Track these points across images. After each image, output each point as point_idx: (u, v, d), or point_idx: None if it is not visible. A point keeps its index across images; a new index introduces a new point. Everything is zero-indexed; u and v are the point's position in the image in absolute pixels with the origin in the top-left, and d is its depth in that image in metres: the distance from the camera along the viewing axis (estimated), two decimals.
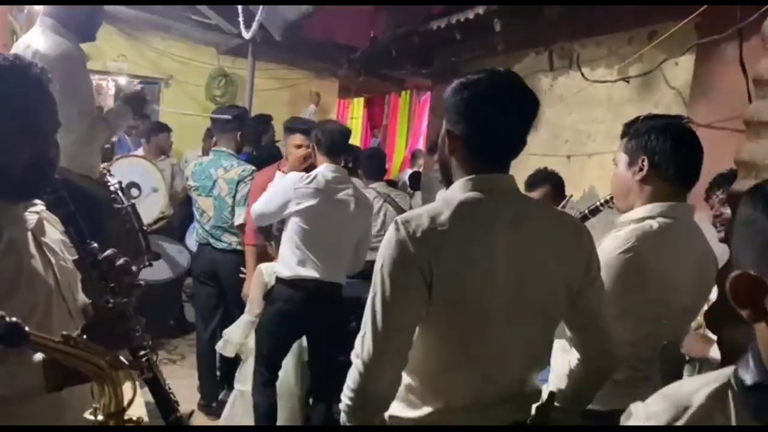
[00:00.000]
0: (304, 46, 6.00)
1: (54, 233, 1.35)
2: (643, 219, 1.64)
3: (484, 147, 1.36)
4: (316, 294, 2.97)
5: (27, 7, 4.51)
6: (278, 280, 3.05)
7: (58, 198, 1.26)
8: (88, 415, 0.77)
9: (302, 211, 2.93)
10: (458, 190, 1.37)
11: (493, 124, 1.34)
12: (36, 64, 1.26)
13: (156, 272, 4.53)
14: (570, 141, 3.87)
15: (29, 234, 1.26)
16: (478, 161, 1.37)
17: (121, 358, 0.97)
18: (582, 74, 3.63)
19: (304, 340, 3.19)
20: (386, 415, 1.43)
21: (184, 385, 3.88)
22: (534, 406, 1.48)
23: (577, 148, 3.77)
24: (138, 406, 2.59)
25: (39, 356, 1.06)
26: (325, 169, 3.00)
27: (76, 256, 1.28)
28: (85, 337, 1.10)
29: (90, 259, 1.22)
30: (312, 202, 2.92)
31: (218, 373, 3.95)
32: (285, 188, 2.99)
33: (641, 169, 1.65)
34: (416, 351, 1.38)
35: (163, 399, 1.22)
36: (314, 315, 2.99)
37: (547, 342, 1.47)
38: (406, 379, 1.41)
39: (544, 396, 1.50)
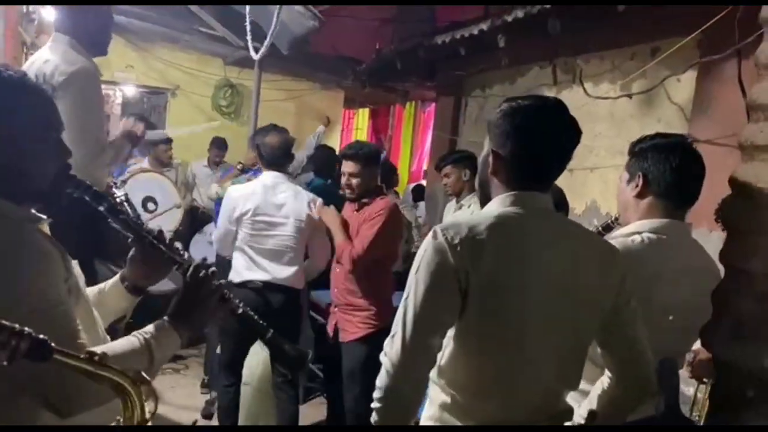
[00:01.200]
0: (311, 58, 6.06)
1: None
2: (631, 234, 1.68)
3: (528, 169, 1.40)
4: (264, 296, 3.05)
5: (37, 18, 4.59)
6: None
7: (95, 194, 1.32)
8: (114, 426, 0.81)
9: (244, 217, 3.04)
10: (497, 205, 1.42)
11: (539, 148, 1.39)
12: (30, 76, 1.29)
13: (162, 283, 4.56)
14: (573, 155, 3.90)
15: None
16: (520, 181, 1.41)
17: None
18: (584, 90, 3.67)
19: None
20: None
21: (188, 394, 3.92)
22: (567, 425, 1.50)
23: (580, 162, 3.82)
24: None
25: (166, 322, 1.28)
26: (264, 176, 3.14)
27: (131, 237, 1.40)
28: (188, 294, 1.32)
29: (150, 235, 1.37)
30: (250, 206, 3.03)
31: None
32: (228, 200, 3.13)
33: (637, 186, 1.70)
34: (450, 367, 1.41)
35: (256, 325, 1.49)
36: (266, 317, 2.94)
37: (579, 361, 1.48)
38: (440, 396, 1.44)
39: (576, 416, 1.52)
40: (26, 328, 0.73)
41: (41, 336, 0.74)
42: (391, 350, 1.38)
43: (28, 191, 1.16)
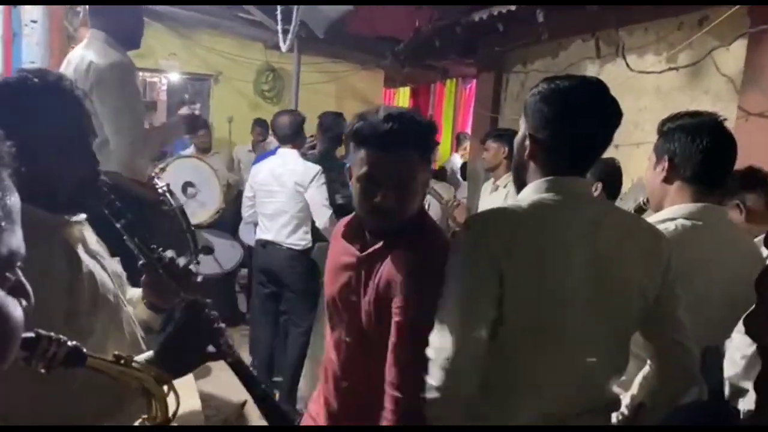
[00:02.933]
0: (349, 39, 6.05)
1: (94, 242, 1.40)
2: (664, 221, 1.62)
3: (567, 153, 1.35)
4: (269, 253, 3.70)
5: (82, 11, 4.69)
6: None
7: (117, 210, 1.33)
8: (139, 425, 0.83)
9: (255, 187, 3.78)
10: (532, 192, 1.37)
11: (579, 130, 1.33)
12: (66, 78, 1.30)
13: (209, 266, 4.69)
14: (617, 130, 3.79)
15: (79, 244, 1.32)
16: (558, 166, 1.36)
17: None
18: (627, 64, 3.55)
19: None
20: None
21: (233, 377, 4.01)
22: (614, 415, 1.47)
23: (625, 137, 3.70)
24: (191, 398, 2.69)
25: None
26: (278, 152, 3.74)
27: (141, 262, 1.36)
28: (177, 336, 1.20)
29: (159, 263, 1.31)
30: (258, 178, 3.75)
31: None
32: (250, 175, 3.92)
33: (664, 169, 1.63)
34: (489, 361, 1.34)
35: (246, 377, 1.32)
36: (272, 272, 3.75)
37: (623, 351, 1.43)
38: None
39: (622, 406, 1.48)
40: (62, 336, 0.75)
41: (74, 343, 0.76)
42: (440, 348, 1.30)
43: (53, 198, 1.18)
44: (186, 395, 0.93)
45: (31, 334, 0.69)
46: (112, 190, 1.37)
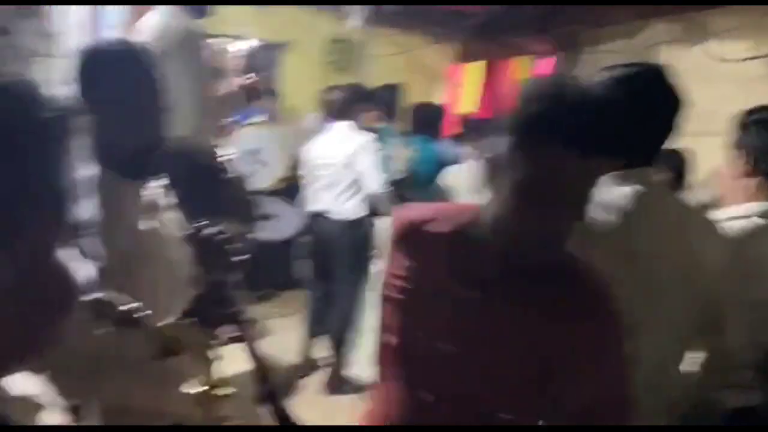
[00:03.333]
0: (421, 12, 5.99)
1: (168, 206, 1.47)
2: (738, 218, 1.56)
3: (633, 142, 1.34)
4: (321, 224, 3.80)
5: None
6: None
7: (173, 177, 1.40)
8: (190, 388, 0.89)
9: (308, 159, 3.89)
10: (608, 184, 1.35)
11: (642, 121, 1.33)
12: (140, 46, 1.36)
13: (270, 232, 4.82)
14: (695, 119, 3.63)
15: (145, 210, 1.39)
16: (626, 157, 1.35)
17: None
18: (708, 50, 3.39)
19: None
20: None
21: (292, 338, 4.14)
22: None
23: (703, 127, 3.55)
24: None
25: None
26: (333, 126, 3.82)
27: (187, 231, 1.42)
28: (193, 309, 1.26)
29: (199, 236, 1.35)
30: (312, 150, 3.86)
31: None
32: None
33: (740, 164, 1.57)
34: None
35: (258, 367, 1.31)
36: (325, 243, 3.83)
37: (685, 348, 1.44)
38: None
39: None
40: (123, 299, 0.81)
41: (131, 306, 0.82)
42: None
43: (116, 160, 1.23)
44: (242, 357, 0.98)
45: (94, 296, 0.75)
46: (176, 157, 1.42)
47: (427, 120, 4.71)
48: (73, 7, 2.72)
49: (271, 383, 1.30)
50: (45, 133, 0.57)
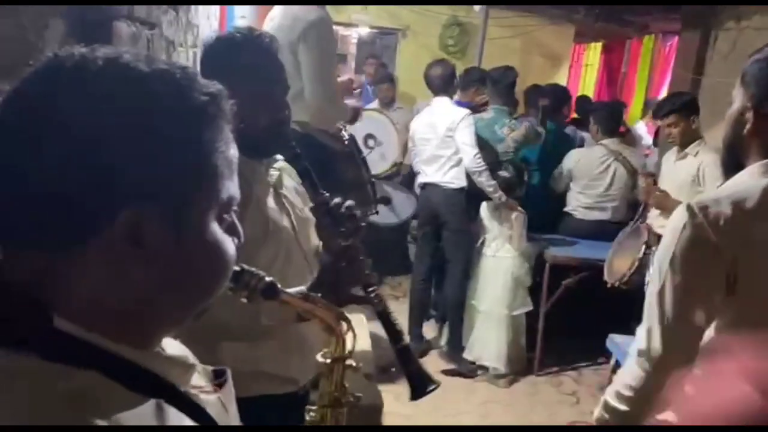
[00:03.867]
0: None
1: (291, 185, 1.55)
2: None
3: None
4: (427, 194, 3.95)
5: None
6: None
7: (295, 155, 1.47)
8: (319, 357, 0.94)
9: (414, 135, 4.02)
10: (758, 174, 1.23)
11: None
12: (266, 34, 1.43)
13: (385, 216, 4.92)
14: None
15: (271, 188, 1.47)
16: None
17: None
18: None
19: None
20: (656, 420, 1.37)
21: (404, 320, 4.21)
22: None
23: None
24: (364, 338, 2.89)
25: None
26: (433, 102, 3.94)
27: (311, 205, 1.49)
28: (323, 277, 1.32)
29: (323, 207, 1.41)
30: (415, 126, 4.04)
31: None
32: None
33: None
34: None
35: (391, 329, 1.36)
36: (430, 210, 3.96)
37: None
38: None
39: None
40: (261, 272, 0.87)
41: (271, 279, 0.88)
42: (648, 347, 1.26)
43: (245, 143, 1.32)
44: (359, 334, 1.03)
45: (237, 268, 0.81)
46: (301, 138, 1.50)
47: (550, 103, 4.63)
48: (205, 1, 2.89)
49: (405, 342, 1.36)
50: (202, 115, 0.63)
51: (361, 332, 2.63)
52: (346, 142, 2.71)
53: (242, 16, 3.70)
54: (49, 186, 0.57)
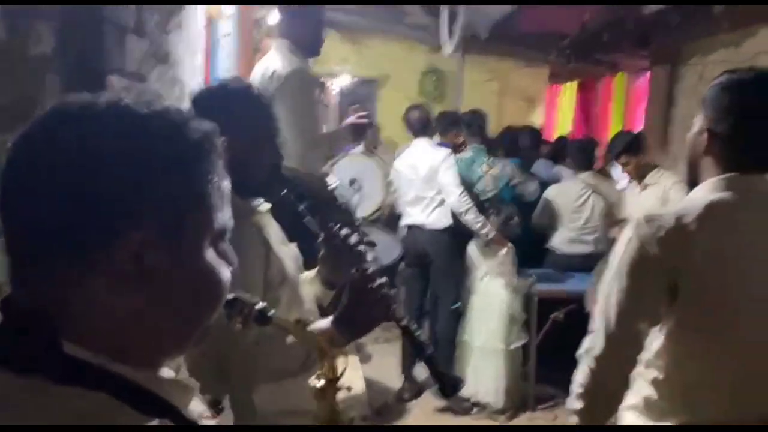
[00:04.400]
0: (513, 37, 6.04)
1: (274, 226, 1.58)
2: None
3: (748, 148, 1.31)
4: (413, 235, 3.99)
5: (263, 24, 5.16)
6: None
7: (299, 193, 1.53)
8: (312, 380, 0.99)
9: (395, 176, 4.16)
10: (708, 190, 1.33)
11: (761, 125, 1.30)
12: (253, 85, 1.52)
13: (386, 255, 4.96)
14: None
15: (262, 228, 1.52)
16: (737, 162, 1.31)
17: None
18: None
19: None
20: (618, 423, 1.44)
21: (396, 363, 4.22)
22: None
23: None
24: (358, 381, 2.90)
25: None
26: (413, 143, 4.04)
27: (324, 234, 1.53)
28: (351, 303, 1.30)
29: (337, 238, 1.46)
30: (397, 165, 4.11)
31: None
32: None
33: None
34: (660, 361, 1.36)
35: (416, 341, 1.38)
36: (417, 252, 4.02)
37: None
38: (645, 389, 1.39)
39: None
40: (254, 299, 0.92)
41: (263, 304, 0.93)
42: (593, 346, 1.35)
43: (244, 185, 1.38)
44: (353, 376, 1.08)
45: (231, 296, 0.86)
46: (289, 182, 1.56)
47: (520, 142, 4.76)
48: (191, 56, 3.00)
49: (427, 346, 1.40)
50: (196, 150, 0.69)
51: (354, 374, 2.66)
52: (331, 187, 2.78)
53: (225, 72, 3.81)
54: (58, 215, 0.62)
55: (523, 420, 3.78)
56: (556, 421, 3.76)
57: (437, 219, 3.85)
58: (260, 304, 0.92)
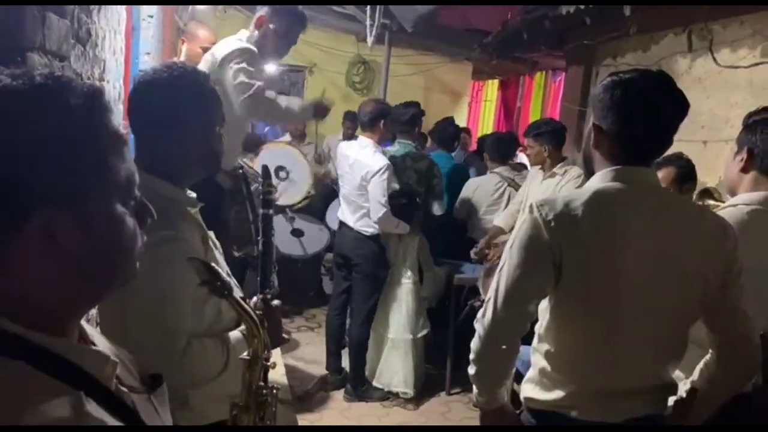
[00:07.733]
0: (438, 32, 6.16)
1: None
2: (735, 205, 1.68)
3: (630, 143, 1.42)
4: (343, 233, 3.91)
5: (190, 7, 5.05)
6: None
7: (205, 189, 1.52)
8: (243, 355, 1.04)
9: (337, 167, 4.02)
10: (598, 180, 1.45)
11: (640, 121, 1.40)
12: (200, 71, 1.47)
13: (297, 248, 4.98)
14: (707, 126, 3.72)
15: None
16: (623, 156, 1.42)
17: None
18: (713, 58, 3.49)
19: None
20: (521, 396, 1.57)
21: (320, 351, 4.27)
22: (671, 400, 1.52)
23: (714, 133, 3.63)
24: (279, 368, 2.91)
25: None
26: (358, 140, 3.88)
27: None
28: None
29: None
30: (338, 159, 3.95)
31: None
32: None
33: (742, 159, 1.68)
34: (549, 335, 1.49)
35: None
36: (341, 252, 3.97)
37: (683, 336, 1.48)
38: (540, 362, 1.51)
39: (681, 391, 1.53)
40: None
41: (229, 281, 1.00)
42: (483, 318, 1.47)
43: (186, 173, 1.39)
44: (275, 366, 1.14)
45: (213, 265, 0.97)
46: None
47: (444, 136, 4.84)
48: (112, 36, 2.91)
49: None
50: (79, 115, 0.69)
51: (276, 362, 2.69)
52: (253, 173, 2.76)
53: (147, 53, 3.72)
54: None
55: (437, 404, 3.90)
56: (470, 404, 3.90)
57: (365, 224, 3.77)
58: (225, 278, 0.98)
